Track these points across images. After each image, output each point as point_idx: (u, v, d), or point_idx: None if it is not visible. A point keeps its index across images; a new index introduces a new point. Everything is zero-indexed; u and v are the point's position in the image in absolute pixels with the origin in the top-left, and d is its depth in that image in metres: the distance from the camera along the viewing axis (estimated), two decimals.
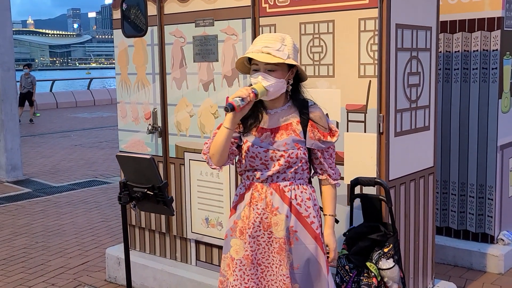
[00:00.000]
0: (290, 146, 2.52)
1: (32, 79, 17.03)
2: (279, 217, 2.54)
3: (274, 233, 2.54)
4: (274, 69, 2.46)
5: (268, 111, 2.58)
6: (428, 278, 3.78)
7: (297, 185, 2.57)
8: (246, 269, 2.58)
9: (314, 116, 2.56)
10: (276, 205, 2.54)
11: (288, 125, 2.55)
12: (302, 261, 2.56)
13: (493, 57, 4.46)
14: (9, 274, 4.83)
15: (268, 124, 2.57)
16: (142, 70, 4.19)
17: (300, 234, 2.55)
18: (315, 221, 2.58)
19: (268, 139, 2.54)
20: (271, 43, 2.45)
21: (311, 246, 2.56)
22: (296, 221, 2.55)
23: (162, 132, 4.11)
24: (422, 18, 3.42)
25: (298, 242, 2.55)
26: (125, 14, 4.24)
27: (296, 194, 2.56)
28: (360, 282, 2.85)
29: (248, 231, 2.57)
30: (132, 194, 2.83)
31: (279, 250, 2.54)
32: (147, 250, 4.44)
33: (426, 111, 3.55)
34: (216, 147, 2.51)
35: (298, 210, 2.55)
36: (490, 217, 4.63)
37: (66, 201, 7.43)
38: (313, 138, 2.55)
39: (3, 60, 8.70)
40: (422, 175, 3.59)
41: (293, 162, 2.53)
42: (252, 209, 2.57)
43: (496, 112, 4.51)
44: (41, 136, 14.32)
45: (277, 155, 2.52)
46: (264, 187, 2.56)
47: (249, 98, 2.39)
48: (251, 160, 2.56)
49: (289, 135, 2.53)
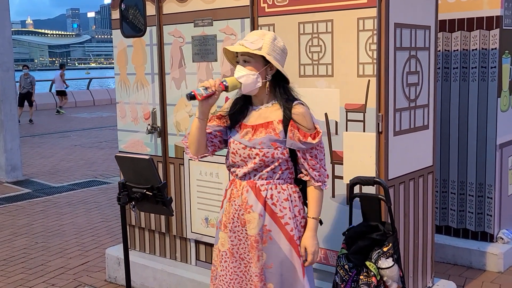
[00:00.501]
0: (266, 145, 2.52)
1: (31, 79, 17.05)
2: (252, 215, 2.55)
3: (247, 230, 2.57)
4: (249, 61, 2.51)
5: (253, 108, 2.61)
6: (428, 277, 3.79)
7: (275, 184, 2.57)
8: (229, 262, 2.64)
9: (295, 116, 2.51)
10: (250, 203, 2.56)
11: (268, 124, 2.54)
12: (276, 261, 2.56)
13: (492, 56, 4.46)
14: (9, 275, 4.84)
15: (250, 121, 2.59)
16: (141, 70, 4.19)
17: (274, 234, 2.56)
18: (290, 222, 2.56)
19: (247, 136, 2.56)
20: (250, 37, 2.52)
21: (285, 247, 2.56)
22: (271, 221, 2.56)
23: (161, 132, 4.11)
24: (421, 17, 3.43)
25: (272, 241, 2.56)
26: (124, 14, 4.24)
27: (273, 194, 2.56)
28: (359, 281, 2.84)
29: (228, 226, 2.63)
30: (131, 195, 2.83)
31: (251, 247, 2.57)
32: (147, 250, 4.44)
33: (425, 110, 3.55)
34: (190, 136, 2.62)
35: (273, 210, 2.56)
36: (489, 216, 4.64)
37: (66, 202, 7.43)
38: (292, 138, 2.51)
39: (2, 60, 8.70)
40: (422, 174, 3.60)
41: (270, 162, 2.53)
42: (231, 204, 2.63)
43: (495, 110, 4.51)
44: (41, 136, 14.32)
45: (253, 153, 2.53)
46: (242, 184, 2.59)
47: (214, 88, 2.45)
48: (232, 156, 2.60)
49: (267, 133, 2.53)
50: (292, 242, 2.56)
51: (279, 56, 2.53)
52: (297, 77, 3.39)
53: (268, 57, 2.48)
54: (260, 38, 2.50)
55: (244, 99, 2.63)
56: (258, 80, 2.51)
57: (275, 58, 2.51)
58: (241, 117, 2.61)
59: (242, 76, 2.50)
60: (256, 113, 2.59)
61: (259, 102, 2.60)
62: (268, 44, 2.49)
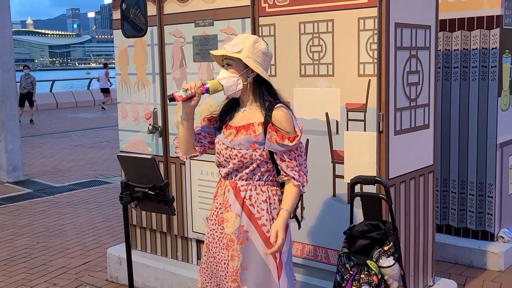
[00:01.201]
0: (244, 146, 2.56)
1: (32, 79, 17.05)
2: (230, 213, 2.61)
3: (224, 228, 2.62)
4: (230, 64, 2.57)
5: (239, 109, 2.66)
6: (429, 276, 3.80)
7: (255, 185, 2.60)
8: (207, 257, 2.76)
9: (275, 118, 2.52)
10: (229, 202, 2.62)
11: (249, 125, 2.58)
12: (251, 262, 2.58)
13: (492, 55, 4.47)
14: (11, 275, 4.85)
15: (235, 122, 2.65)
16: (142, 70, 4.20)
17: (251, 235, 2.59)
18: (267, 224, 2.58)
19: (229, 137, 2.61)
20: (233, 41, 2.58)
21: (261, 248, 2.58)
22: (248, 222, 2.59)
23: (162, 132, 4.12)
24: (421, 16, 3.43)
25: (248, 242, 2.59)
26: (125, 14, 4.25)
27: (252, 195, 2.59)
28: (360, 280, 2.85)
29: (209, 223, 2.72)
30: (134, 194, 2.84)
31: (227, 246, 2.61)
32: (148, 249, 4.45)
33: (426, 109, 3.56)
34: (179, 137, 2.72)
35: (251, 210, 2.59)
36: (490, 215, 4.65)
37: (67, 202, 7.44)
38: (270, 140, 2.53)
39: (2, 60, 8.71)
40: (422, 173, 3.60)
41: (248, 163, 2.56)
42: (214, 202, 2.71)
43: (496, 110, 4.52)
44: (42, 136, 14.33)
45: (232, 153, 2.58)
46: (225, 183, 2.66)
47: (193, 90, 2.54)
48: (217, 156, 2.67)
49: (246, 135, 2.57)
50: (268, 244, 2.57)
51: (260, 59, 2.56)
52: (298, 76, 3.40)
53: (246, 59, 2.52)
54: (241, 41, 2.55)
55: (232, 100, 2.70)
56: (238, 82, 2.56)
57: (255, 60, 2.53)
58: (228, 118, 2.68)
59: (223, 78, 2.56)
60: (241, 115, 2.64)
61: (243, 104, 2.66)
62: (248, 47, 2.53)
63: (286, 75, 3.43)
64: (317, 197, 3.41)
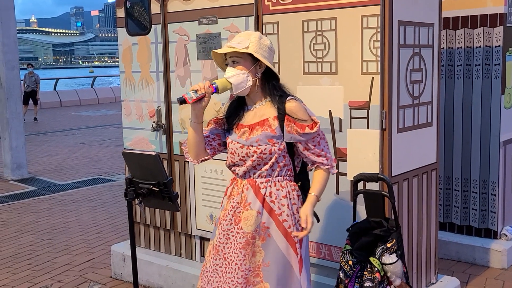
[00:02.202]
0: (262, 142, 2.55)
1: (36, 77, 17.10)
2: (250, 212, 2.59)
3: (243, 227, 2.60)
4: (238, 61, 2.56)
5: (248, 107, 2.65)
6: (432, 273, 3.80)
7: (274, 182, 2.60)
8: (213, 259, 2.69)
9: (289, 110, 2.55)
10: (249, 200, 2.60)
11: (264, 121, 2.58)
12: (273, 259, 2.59)
13: (496, 53, 4.47)
14: (16, 271, 4.87)
15: (246, 120, 2.63)
16: (146, 68, 4.21)
17: (272, 231, 2.59)
18: (288, 220, 2.59)
19: (244, 135, 2.60)
20: (236, 39, 2.58)
21: (282, 245, 2.58)
22: (269, 218, 2.59)
23: (166, 130, 4.13)
24: (425, 14, 3.44)
25: (270, 239, 2.59)
26: (129, 12, 4.27)
27: (272, 191, 2.59)
28: (363, 277, 2.87)
29: (222, 223, 2.67)
30: (138, 191, 2.86)
31: (245, 244, 2.59)
32: (152, 247, 4.47)
33: (429, 107, 3.57)
34: (188, 141, 2.68)
35: (272, 207, 2.59)
36: (493, 213, 4.65)
37: (71, 199, 7.47)
38: (290, 132, 2.54)
39: (7, 58, 8.74)
40: (425, 171, 3.61)
41: (267, 158, 2.56)
42: (229, 202, 2.67)
43: (499, 108, 4.52)
44: (45, 134, 14.37)
45: (250, 151, 2.57)
46: (242, 182, 2.64)
47: (203, 90, 2.50)
48: (231, 156, 2.65)
49: (262, 131, 2.56)
50: (289, 239, 2.58)
51: (267, 53, 2.58)
52: (301, 74, 3.41)
53: (256, 55, 2.53)
54: (246, 38, 2.55)
55: (238, 101, 2.69)
56: (248, 78, 2.55)
57: (263, 55, 2.55)
58: (237, 118, 2.66)
59: (232, 76, 2.54)
60: (251, 113, 2.64)
61: (252, 101, 2.65)
62: (255, 42, 2.54)
63: (289, 73, 3.44)
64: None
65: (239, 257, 2.60)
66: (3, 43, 8.65)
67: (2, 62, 8.70)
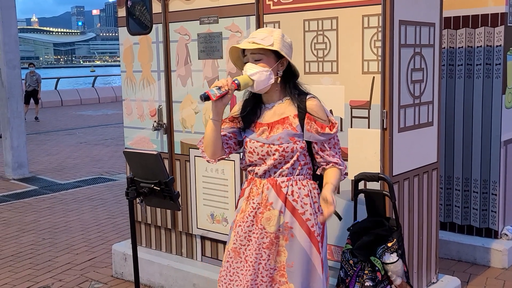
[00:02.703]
0: (284, 140, 2.52)
1: (37, 77, 17.12)
2: (272, 212, 2.55)
3: (265, 228, 2.55)
4: (260, 58, 2.50)
5: (266, 106, 2.61)
6: (432, 272, 3.81)
7: (295, 181, 2.57)
8: (233, 262, 2.63)
9: (311, 108, 2.53)
10: (270, 200, 2.56)
11: (284, 119, 2.55)
12: (296, 259, 2.56)
13: (497, 52, 4.47)
14: (17, 270, 4.88)
15: (265, 119, 2.59)
16: (147, 67, 4.22)
17: (295, 230, 2.55)
18: (311, 218, 2.56)
19: (264, 134, 2.56)
20: (258, 34, 2.52)
21: (305, 244, 2.56)
22: (292, 218, 2.55)
23: (167, 129, 4.14)
24: (426, 14, 3.44)
25: (293, 238, 2.55)
26: (130, 11, 4.27)
27: (293, 190, 2.56)
28: (364, 276, 2.87)
29: (242, 225, 2.61)
30: (139, 190, 2.86)
31: (269, 244, 2.55)
32: (153, 246, 4.48)
33: (430, 107, 3.57)
34: (206, 139, 2.60)
35: (294, 206, 2.55)
36: (494, 212, 4.65)
37: (72, 198, 7.48)
38: (310, 131, 2.52)
39: (8, 58, 8.74)
40: (426, 170, 3.61)
41: (289, 157, 2.53)
42: (249, 203, 2.61)
43: (500, 107, 4.52)
44: (46, 133, 14.38)
45: (272, 149, 2.53)
46: (262, 182, 2.59)
47: (226, 87, 2.43)
48: (249, 155, 2.60)
49: (284, 129, 2.53)
50: (313, 238, 2.56)
51: (289, 52, 2.56)
52: (302, 74, 3.40)
53: (282, 53, 2.50)
54: (269, 35, 2.50)
55: (254, 98, 2.63)
56: (271, 76, 2.51)
57: (286, 54, 2.52)
58: (254, 116, 2.61)
59: (255, 73, 2.48)
60: (270, 111, 2.59)
61: (271, 99, 2.60)
62: (279, 40, 2.50)
63: None
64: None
65: (263, 257, 2.56)
66: (4, 42, 8.66)
67: (3, 62, 8.71)
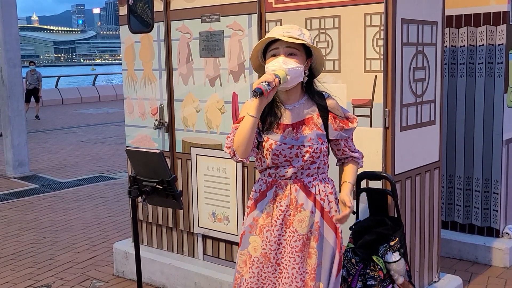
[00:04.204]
0: (314, 141, 2.48)
1: (38, 75, 17.12)
2: (303, 213, 2.50)
3: (298, 230, 2.50)
4: (295, 53, 2.44)
5: (286, 106, 2.53)
6: (434, 271, 3.81)
7: (320, 180, 2.55)
8: (263, 267, 2.55)
9: (332, 107, 2.54)
10: (300, 202, 2.50)
11: (310, 119, 2.51)
12: (325, 257, 2.54)
13: (499, 51, 4.46)
14: (18, 269, 4.88)
15: (289, 120, 2.51)
16: (149, 66, 4.21)
17: (323, 230, 2.54)
18: (336, 215, 2.56)
19: (291, 135, 2.49)
20: (291, 30, 2.44)
21: (333, 241, 2.54)
22: (320, 217, 2.53)
23: (168, 128, 4.13)
24: (428, 12, 3.43)
25: (322, 238, 2.53)
26: (132, 9, 4.26)
27: (320, 189, 2.54)
28: (366, 275, 2.87)
29: (270, 229, 2.53)
30: (142, 188, 2.86)
31: (302, 247, 2.50)
32: (154, 244, 4.47)
33: (432, 105, 3.56)
34: (241, 137, 2.42)
35: (322, 205, 2.53)
36: (495, 211, 4.65)
37: (73, 197, 7.48)
38: (336, 129, 2.52)
39: (9, 56, 8.74)
40: (428, 169, 3.61)
41: (317, 158, 2.50)
42: (276, 206, 2.53)
43: (502, 106, 4.51)
44: (47, 132, 14.39)
45: (302, 151, 2.47)
46: (289, 184, 2.52)
47: (274, 83, 2.34)
48: (274, 158, 2.50)
49: (312, 129, 2.49)
50: (338, 236, 2.56)
51: None
52: None
53: (316, 52, 2.48)
54: (301, 32, 2.45)
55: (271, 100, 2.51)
56: (302, 74, 2.46)
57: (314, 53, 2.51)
58: (275, 117, 2.52)
59: (292, 68, 2.40)
60: (292, 111, 2.52)
61: (292, 99, 2.54)
62: (309, 38, 2.48)
63: None
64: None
65: (297, 261, 2.51)
66: (5, 41, 8.66)
67: (4, 60, 8.70)
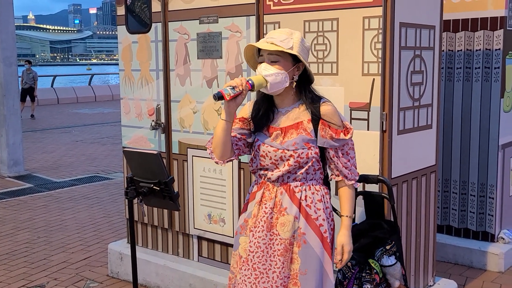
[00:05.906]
0: (299, 145, 2.46)
1: (34, 74, 17.08)
2: (286, 217, 2.49)
3: (280, 233, 2.49)
4: (277, 60, 2.42)
5: (279, 110, 2.53)
6: (429, 275, 3.81)
7: (308, 185, 2.51)
8: (242, 269, 2.56)
9: (325, 113, 2.47)
10: (285, 205, 2.49)
11: (299, 124, 2.48)
12: (310, 267, 2.50)
13: (496, 56, 4.47)
14: (12, 269, 4.85)
15: (278, 123, 2.51)
16: (146, 66, 4.20)
17: (308, 237, 2.49)
18: (324, 224, 2.51)
19: (278, 139, 2.49)
20: (277, 35, 2.43)
21: (318, 250, 2.50)
22: (305, 224, 2.49)
23: (165, 128, 4.13)
24: (426, 17, 3.44)
25: (306, 245, 2.49)
26: (130, 8, 4.25)
27: (307, 195, 2.50)
28: (362, 278, 2.86)
29: (253, 230, 2.54)
30: (139, 189, 2.85)
31: (284, 251, 2.49)
32: (149, 245, 4.46)
33: (429, 109, 3.57)
34: (215, 139, 2.50)
35: (308, 211, 2.49)
36: (490, 216, 4.65)
37: (68, 197, 7.45)
38: (324, 137, 2.46)
39: (5, 55, 8.71)
40: (424, 173, 3.61)
41: (304, 162, 2.47)
42: (261, 208, 2.54)
43: (498, 111, 4.52)
44: (43, 131, 14.34)
45: (286, 155, 2.46)
46: (275, 187, 2.52)
47: (241, 87, 2.35)
48: (261, 159, 2.51)
49: (299, 134, 2.47)
50: (325, 244, 2.52)
51: (306, 56, 2.49)
52: None
53: (301, 58, 2.43)
54: (289, 37, 2.43)
55: (266, 101, 2.55)
56: (286, 80, 2.44)
57: (304, 59, 2.46)
58: (267, 120, 2.53)
59: (270, 74, 2.41)
60: (284, 116, 2.52)
61: (285, 103, 2.53)
62: (298, 43, 2.43)
63: None
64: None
65: (278, 265, 2.49)
66: (1, 39, 8.63)
67: (0, 59, 8.67)
